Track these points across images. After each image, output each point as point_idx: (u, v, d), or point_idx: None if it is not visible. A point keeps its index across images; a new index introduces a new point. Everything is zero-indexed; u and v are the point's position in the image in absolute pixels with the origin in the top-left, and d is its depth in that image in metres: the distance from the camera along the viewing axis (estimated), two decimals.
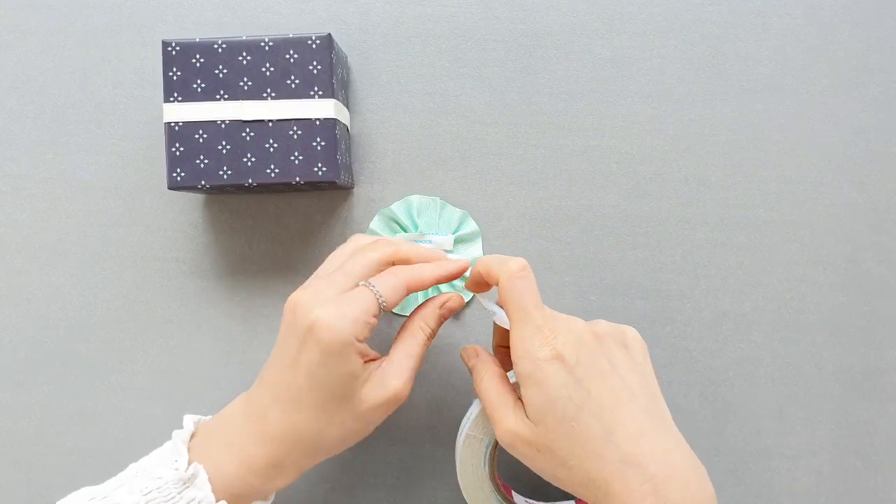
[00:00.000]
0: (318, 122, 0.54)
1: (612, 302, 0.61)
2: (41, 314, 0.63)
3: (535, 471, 0.48)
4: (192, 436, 0.49)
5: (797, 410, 0.61)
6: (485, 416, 0.53)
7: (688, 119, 0.62)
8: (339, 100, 0.56)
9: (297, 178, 0.54)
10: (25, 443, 0.62)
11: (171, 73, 0.54)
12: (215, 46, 0.54)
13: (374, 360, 0.50)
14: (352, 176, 0.61)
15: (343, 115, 0.57)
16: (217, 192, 0.59)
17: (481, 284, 0.53)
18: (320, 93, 0.54)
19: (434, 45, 0.63)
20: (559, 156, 0.62)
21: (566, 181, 0.62)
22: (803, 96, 0.62)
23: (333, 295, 0.48)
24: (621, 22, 0.62)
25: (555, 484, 0.47)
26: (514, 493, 0.57)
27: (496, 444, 0.53)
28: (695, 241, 0.62)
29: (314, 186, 0.57)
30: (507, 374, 0.51)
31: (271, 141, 0.54)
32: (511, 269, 0.48)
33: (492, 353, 0.54)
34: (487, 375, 0.50)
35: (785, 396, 0.61)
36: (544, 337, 0.46)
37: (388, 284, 0.49)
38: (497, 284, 0.49)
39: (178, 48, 0.54)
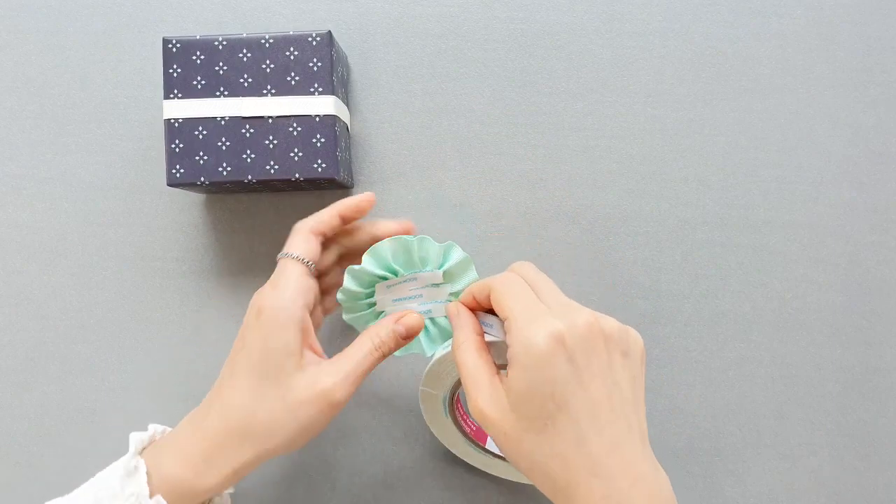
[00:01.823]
0: (317, 119, 0.54)
1: (612, 302, 0.61)
2: (41, 314, 0.63)
3: (498, 448, 0.47)
4: (153, 442, 0.50)
5: (797, 410, 0.61)
6: (436, 372, 0.52)
7: (688, 119, 0.62)
8: (338, 97, 0.56)
9: (297, 175, 0.54)
10: (25, 443, 0.62)
11: (171, 70, 0.54)
12: (216, 43, 0.54)
13: (318, 356, 0.51)
14: (351, 175, 0.61)
15: (343, 113, 0.58)
16: (217, 190, 0.59)
17: (474, 303, 0.50)
18: (320, 90, 0.54)
19: (434, 45, 0.63)
20: (559, 156, 0.62)
21: (566, 181, 0.62)
22: (803, 96, 0.62)
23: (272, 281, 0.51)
24: (621, 22, 0.62)
25: (514, 467, 0.46)
26: (489, 440, 0.57)
27: (454, 393, 0.54)
28: (695, 241, 0.62)
29: (314, 185, 0.57)
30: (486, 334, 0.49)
31: (271, 137, 0.54)
32: (501, 274, 0.47)
33: (472, 314, 0.50)
34: (466, 344, 0.47)
35: (785, 396, 0.61)
36: (546, 320, 0.43)
37: (297, 244, 0.51)
38: (490, 295, 0.47)
39: (178, 45, 0.54)
